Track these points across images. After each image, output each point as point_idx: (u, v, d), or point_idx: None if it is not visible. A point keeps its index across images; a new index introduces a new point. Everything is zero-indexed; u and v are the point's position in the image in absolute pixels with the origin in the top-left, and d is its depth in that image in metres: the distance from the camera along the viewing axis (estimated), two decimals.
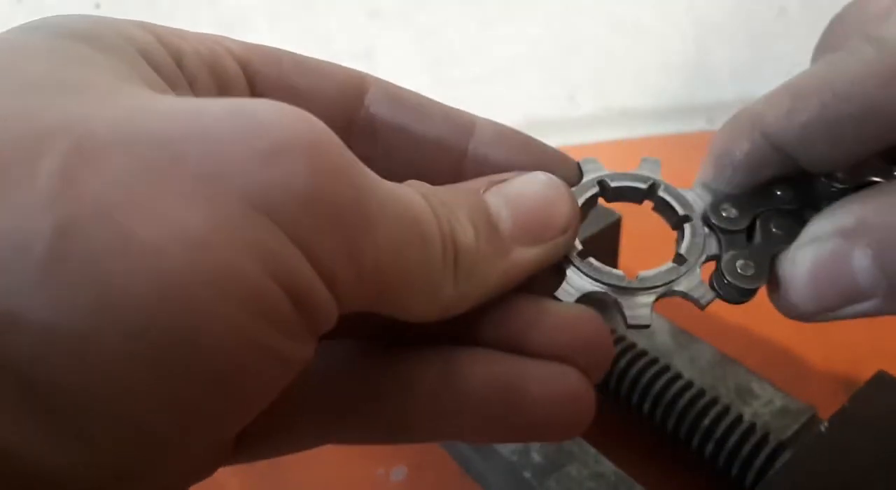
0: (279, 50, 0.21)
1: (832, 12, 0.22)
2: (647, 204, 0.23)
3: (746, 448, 0.29)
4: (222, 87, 0.19)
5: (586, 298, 0.20)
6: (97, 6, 0.57)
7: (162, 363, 0.13)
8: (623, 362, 0.33)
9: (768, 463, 0.29)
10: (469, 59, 0.65)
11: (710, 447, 0.30)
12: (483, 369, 0.19)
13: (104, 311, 0.12)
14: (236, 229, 0.13)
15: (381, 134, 0.21)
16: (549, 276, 0.20)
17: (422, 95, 0.22)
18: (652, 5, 0.65)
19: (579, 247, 0.20)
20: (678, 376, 0.32)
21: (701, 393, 0.31)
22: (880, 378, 0.30)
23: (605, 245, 0.37)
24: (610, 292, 0.20)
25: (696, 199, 0.22)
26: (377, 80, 0.22)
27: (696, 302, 0.20)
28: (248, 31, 0.62)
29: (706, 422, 0.30)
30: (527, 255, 0.19)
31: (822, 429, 0.28)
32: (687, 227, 0.21)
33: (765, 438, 0.30)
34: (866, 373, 0.30)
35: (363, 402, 0.19)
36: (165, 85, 0.17)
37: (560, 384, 0.19)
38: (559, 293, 0.20)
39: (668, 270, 0.21)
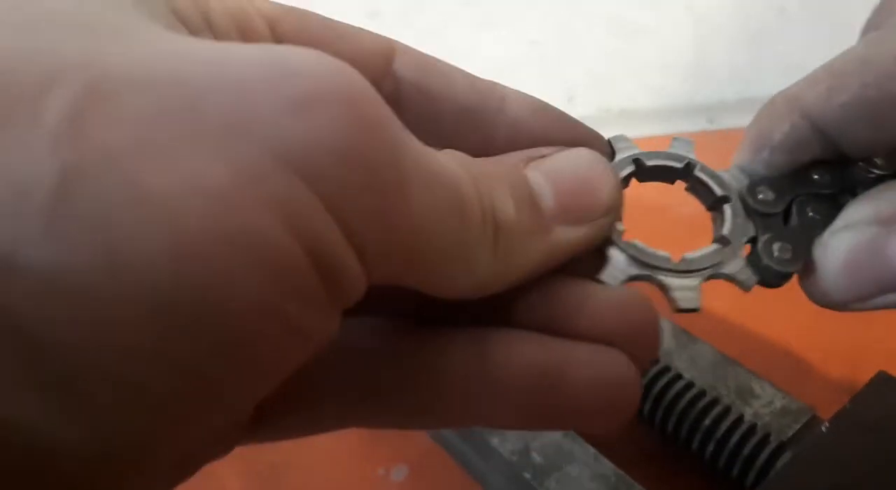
0: (308, 11, 0.20)
1: (832, 12, 0.22)
2: (647, 202, 0.23)
3: (747, 448, 0.29)
4: None
5: (631, 281, 0.19)
6: None
7: (171, 324, 0.12)
8: None
9: (769, 463, 0.29)
10: (468, 60, 0.65)
11: (710, 448, 0.30)
12: (522, 351, 0.18)
13: (110, 264, 0.11)
14: (260, 184, 0.12)
15: (408, 102, 0.20)
16: (591, 257, 0.19)
17: (450, 65, 0.21)
18: (651, 5, 0.65)
19: (622, 228, 0.20)
20: (678, 377, 0.32)
21: (701, 393, 0.31)
22: (881, 378, 0.30)
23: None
24: (656, 275, 0.19)
25: (732, 181, 0.21)
26: (405, 47, 0.21)
27: (741, 284, 0.20)
28: None
29: (707, 422, 0.30)
30: (568, 235, 0.18)
31: (823, 429, 0.28)
32: (727, 207, 0.21)
33: (765, 439, 0.30)
34: (867, 373, 0.30)
35: (389, 384, 0.18)
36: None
37: (607, 369, 0.18)
38: (603, 276, 0.19)
39: (714, 252, 0.20)
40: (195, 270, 0.12)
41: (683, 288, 0.19)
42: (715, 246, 0.20)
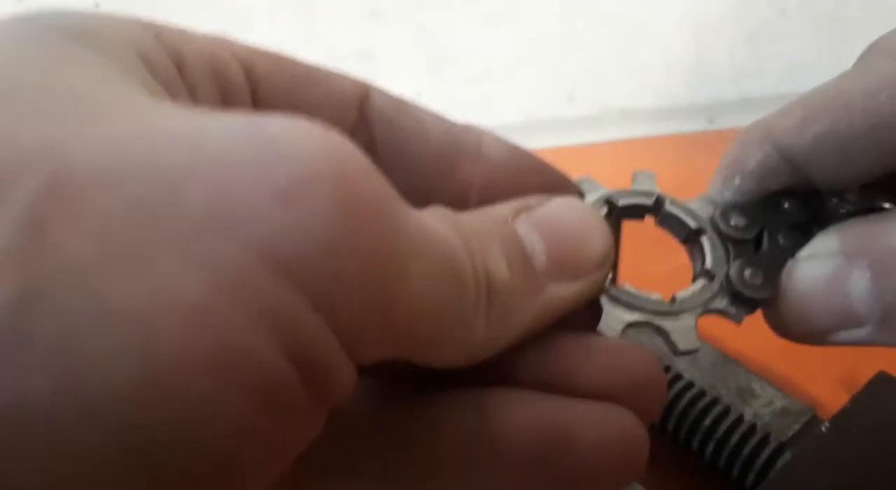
0: (282, 56, 0.19)
1: (831, 13, 0.22)
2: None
3: (747, 449, 0.29)
4: (225, 96, 0.17)
5: (629, 328, 0.19)
6: (97, 5, 0.57)
7: (140, 459, 0.10)
8: None
9: (769, 463, 0.29)
10: (468, 60, 0.65)
11: (710, 448, 0.30)
12: (523, 411, 0.17)
13: (74, 401, 0.10)
14: (243, 293, 0.11)
15: (382, 147, 0.19)
16: (585, 309, 0.19)
17: (425, 110, 0.20)
18: (651, 5, 0.65)
19: (610, 275, 0.20)
20: (678, 377, 0.32)
21: (701, 394, 0.31)
22: (881, 379, 0.30)
23: None
24: (653, 320, 0.19)
25: (702, 212, 0.21)
26: (378, 90, 0.20)
27: (732, 318, 0.20)
28: (247, 31, 0.62)
29: (707, 422, 0.30)
30: (563, 292, 0.17)
31: (823, 429, 0.28)
32: (705, 240, 0.21)
33: (765, 439, 0.30)
34: (867, 373, 0.30)
35: (385, 450, 0.17)
36: (164, 92, 0.15)
37: (614, 427, 0.17)
38: (601, 327, 0.19)
39: (702, 289, 0.20)
40: (168, 399, 0.10)
41: (680, 330, 0.19)
42: (701, 282, 0.20)
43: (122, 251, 0.10)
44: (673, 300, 0.20)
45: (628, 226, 0.23)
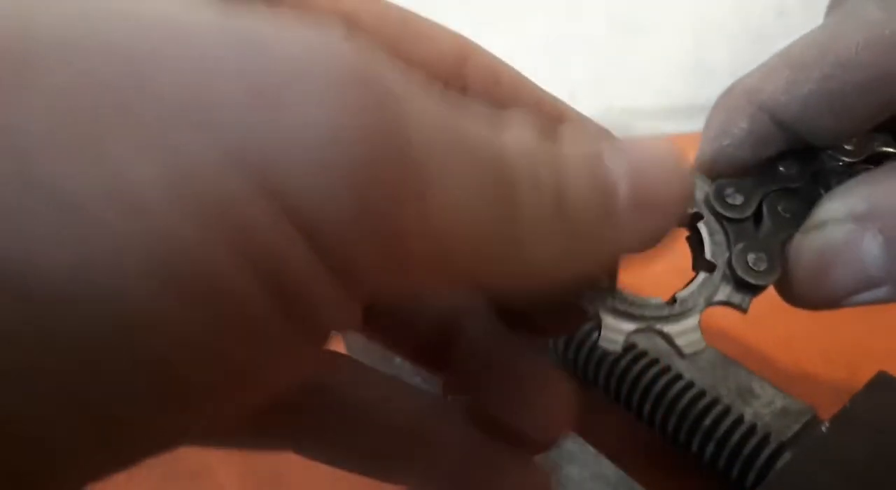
0: (388, 7, 0.18)
1: None
2: None
3: (747, 449, 0.29)
4: None
5: (631, 337, 0.18)
6: None
7: (80, 374, 0.09)
8: (624, 363, 0.33)
9: (769, 463, 0.29)
10: None
11: (710, 448, 0.30)
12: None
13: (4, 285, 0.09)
14: (201, 193, 0.09)
15: None
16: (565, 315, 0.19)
17: (521, 77, 0.20)
18: (653, 5, 0.65)
19: (606, 285, 0.19)
20: (679, 377, 0.32)
21: (701, 394, 0.31)
22: (881, 379, 0.30)
23: None
24: (655, 326, 0.18)
25: (697, 192, 0.20)
26: (480, 50, 0.19)
27: (738, 308, 0.19)
28: None
29: (707, 422, 0.30)
30: (633, 238, 0.15)
31: (823, 429, 0.28)
32: (702, 226, 0.19)
33: (765, 439, 0.30)
34: (867, 373, 0.30)
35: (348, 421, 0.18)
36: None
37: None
38: (602, 342, 0.18)
39: (702, 284, 0.19)
40: (107, 299, 0.09)
41: (684, 332, 0.18)
42: (702, 276, 0.19)
43: (72, 130, 0.09)
44: (673, 301, 0.19)
45: None
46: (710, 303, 0.19)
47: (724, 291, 0.19)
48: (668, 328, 0.18)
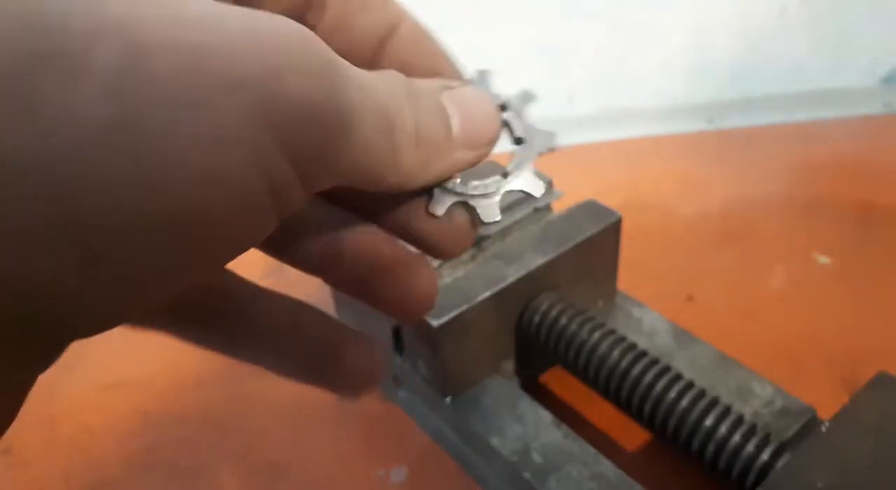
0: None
1: (832, 12, 0.22)
2: (646, 202, 0.23)
3: (747, 448, 0.29)
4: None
5: (453, 207, 0.23)
6: None
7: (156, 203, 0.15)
8: (624, 363, 0.33)
9: (769, 463, 0.29)
10: (469, 59, 0.65)
11: (710, 448, 0.30)
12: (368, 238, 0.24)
13: (143, 176, 0.15)
14: (244, 140, 0.16)
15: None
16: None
17: (442, 54, 0.26)
18: (652, 5, 0.65)
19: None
20: (679, 377, 0.32)
21: (701, 393, 0.31)
22: (881, 378, 0.30)
23: (605, 245, 0.37)
24: (467, 200, 0.23)
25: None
26: (412, 24, 0.25)
27: (529, 195, 0.23)
28: None
29: (707, 422, 0.30)
30: (462, 157, 0.22)
31: (823, 429, 0.28)
32: (508, 115, 0.24)
33: (765, 439, 0.30)
34: (867, 373, 0.30)
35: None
36: None
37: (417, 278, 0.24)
38: (432, 207, 0.23)
39: (518, 162, 0.24)
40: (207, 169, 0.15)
41: (489, 206, 0.23)
42: (518, 150, 0.24)
43: (179, 97, 0.15)
44: (505, 175, 0.24)
45: (630, 224, 0.23)
46: (510, 189, 0.23)
47: (522, 180, 0.24)
48: (475, 202, 0.23)
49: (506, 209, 0.38)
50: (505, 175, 0.24)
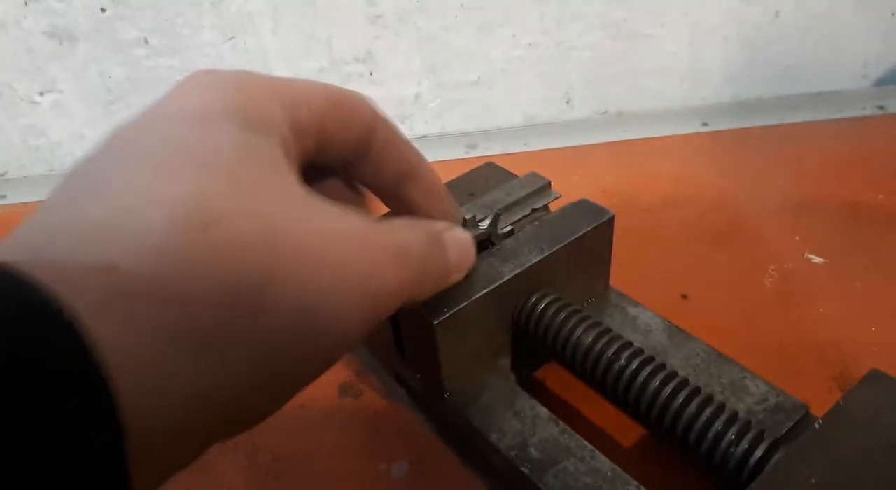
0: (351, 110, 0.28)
1: (825, 16, 0.22)
2: (643, 203, 0.24)
3: (741, 445, 0.30)
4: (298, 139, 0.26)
5: None
6: (103, 10, 0.58)
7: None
8: (619, 360, 0.33)
9: (763, 460, 0.29)
10: (468, 64, 0.66)
11: (705, 444, 0.30)
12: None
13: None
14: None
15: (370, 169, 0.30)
16: None
17: (421, 161, 0.30)
18: (648, 9, 0.66)
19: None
20: (673, 374, 0.32)
21: (696, 390, 0.32)
22: (874, 376, 0.30)
23: (598, 243, 0.38)
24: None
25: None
26: (383, 129, 0.29)
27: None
28: (250, 36, 0.63)
29: (701, 419, 0.31)
30: (452, 276, 0.30)
31: (817, 426, 0.28)
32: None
33: (760, 435, 0.30)
34: (860, 371, 0.31)
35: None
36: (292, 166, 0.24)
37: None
38: None
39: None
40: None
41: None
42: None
43: (318, 300, 0.21)
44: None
45: (627, 225, 0.23)
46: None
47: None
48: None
49: (505, 210, 0.39)
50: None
